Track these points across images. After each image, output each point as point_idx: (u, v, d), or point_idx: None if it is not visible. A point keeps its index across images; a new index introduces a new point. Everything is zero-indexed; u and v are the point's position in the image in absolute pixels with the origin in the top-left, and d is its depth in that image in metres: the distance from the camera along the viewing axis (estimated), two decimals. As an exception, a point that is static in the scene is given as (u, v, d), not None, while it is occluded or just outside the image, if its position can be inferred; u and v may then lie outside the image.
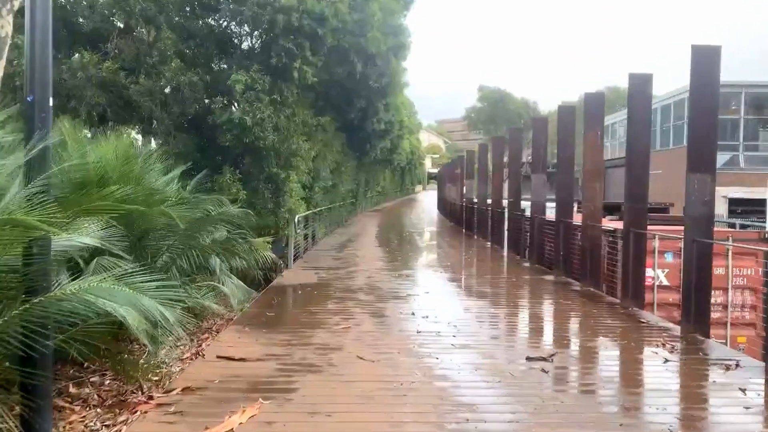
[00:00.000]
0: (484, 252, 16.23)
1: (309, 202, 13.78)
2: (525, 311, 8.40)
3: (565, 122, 11.61)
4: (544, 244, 12.94)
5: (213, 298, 6.68)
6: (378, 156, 29.70)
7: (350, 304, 8.24)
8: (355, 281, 10.29)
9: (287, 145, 10.76)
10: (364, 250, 15.61)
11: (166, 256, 6.15)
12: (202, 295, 6.40)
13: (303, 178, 12.18)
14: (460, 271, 12.32)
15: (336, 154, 18.59)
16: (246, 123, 9.90)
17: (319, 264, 12.48)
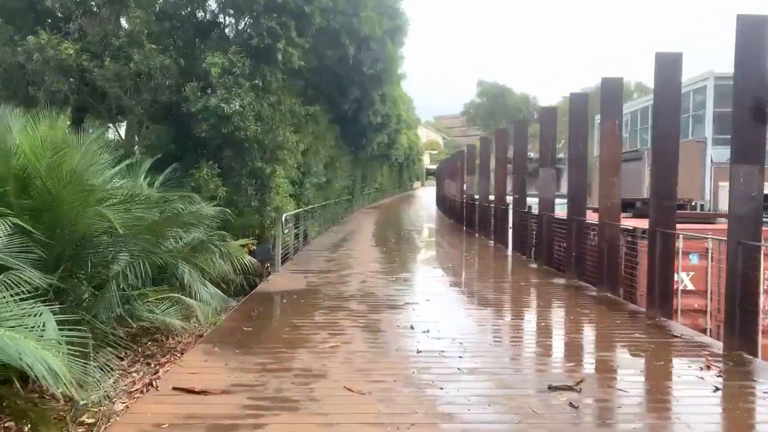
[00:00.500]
0: (487, 252, 15.25)
1: (299, 200, 12.78)
2: (538, 322, 7.41)
3: (577, 112, 10.61)
4: (554, 244, 11.97)
5: (176, 312, 5.69)
6: (375, 151, 28.69)
7: (340, 315, 7.25)
8: (348, 287, 9.30)
9: (272, 136, 9.75)
10: (359, 250, 14.62)
11: (117, 266, 5.15)
12: (162, 310, 5.42)
13: (291, 174, 11.19)
14: (463, 274, 11.33)
15: (329, 148, 17.58)
16: (224, 111, 8.87)
17: (310, 266, 11.49)
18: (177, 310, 5.70)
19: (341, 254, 13.69)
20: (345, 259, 12.82)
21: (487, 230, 18.62)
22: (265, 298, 8.31)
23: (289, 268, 11.15)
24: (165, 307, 5.56)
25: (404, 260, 13.33)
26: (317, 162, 13.97)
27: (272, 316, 7.18)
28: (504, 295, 9.38)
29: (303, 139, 12.21)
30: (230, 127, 9.04)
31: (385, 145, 31.75)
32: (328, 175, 17.89)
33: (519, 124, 14.51)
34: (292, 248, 12.54)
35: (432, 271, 11.75)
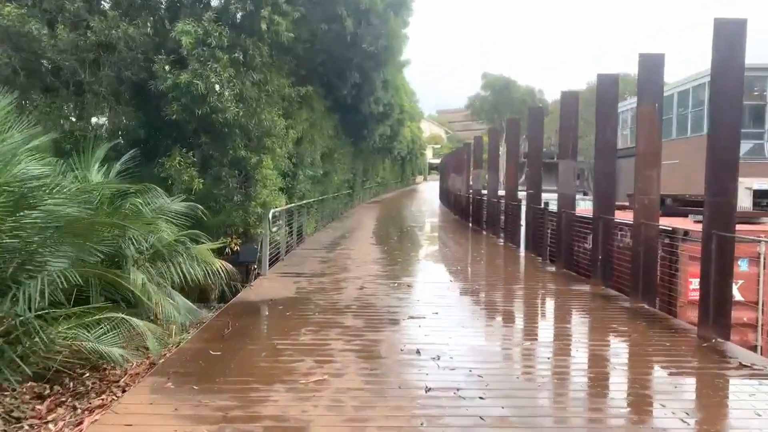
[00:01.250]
0: (498, 252, 13.99)
1: (291, 194, 11.53)
2: (573, 345, 6.16)
3: (605, 94, 9.32)
4: (575, 245, 10.72)
5: (118, 336, 4.45)
6: (377, 143, 27.43)
7: (332, 334, 6.01)
8: (344, 294, 8.06)
9: (257, 120, 8.49)
10: (359, 249, 13.37)
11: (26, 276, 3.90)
12: (96, 337, 4.19)
13: (282, 164, 9.95)
14: (474, 279, 10.08)
15: (327, 138, 16.31)
16: (198, 89, 7.61)
17: (302, 269, 10.25)
18: (120, 333, 4.47)
19: (338, 254, 12.45)
20: (342, 259, 11.58)
21: (495, 228, 17.38)
22: (245, 310, 7.06)
23: (279, 271, 9.92)
24: (101, 332, 4.35)
25: (407, 261, 12.09)
26: (313, 152, 12.67)
27: (249, 335, 5.94)
28: (524, 306, 8.13)
29: (295, 126, 10.95)
30: (205, 108, 7.78)
31: (387, 138, 30.47)
32: (326, 167, 16.63)
33: (535, 111, 13.24)
34: (283, 247, 11.30)
35: (439, 275, 10.50)
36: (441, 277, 10.26)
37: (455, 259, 12.75)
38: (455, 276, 10.31)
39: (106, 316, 4.50)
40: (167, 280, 6.19)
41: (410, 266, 11.44)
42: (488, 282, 9.77)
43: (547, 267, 11.21)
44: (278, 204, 9.46)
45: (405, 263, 11.75)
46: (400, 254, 12.98)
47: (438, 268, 11.45)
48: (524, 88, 69.96)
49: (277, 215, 9.99)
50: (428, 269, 10.89)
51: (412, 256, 12.96)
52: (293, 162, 11.28)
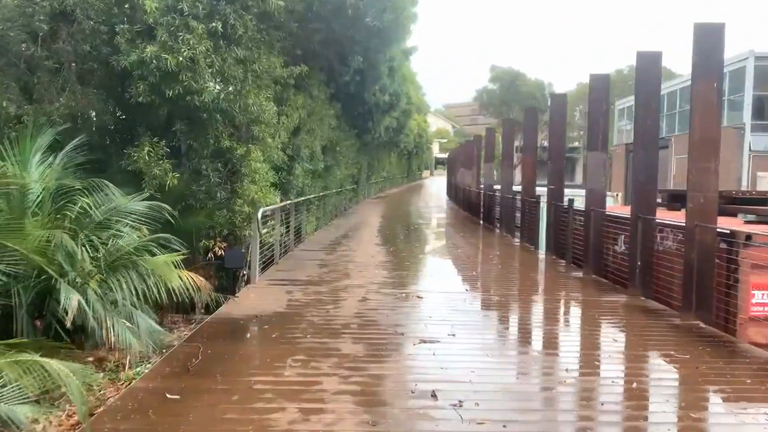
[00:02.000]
0: (515, 254, 12.75)
1: (287, 190, 10.33)
2: (626, 375, 4.91)
3: (646, 77, 8.06)
4: (605, 248, 9.49)
5: (37, 383, 3.27)
6: (382, 136, 26.14)
7: (325, 366, 4.81)
8: (342, 309, 6.86)
9: (243, 105, 7.28)
10: (362, 250, 12.17)
11: None
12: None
13: (275, 157, 8.73)
14: (493, 288, 8.86)
15: (329, 130, 15.08)
16: (167, 64, 6.38)
17: (298, 274, 9.07)
18: (40, 377, 3.29)
19: (340, 256, 11.25)
20: (343, 263, 10.38)
21: (510, 226, 16.13)
22: (222, 331, 5.87)
23: (271, 277, 8.73)
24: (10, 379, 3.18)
25: (416, 265, 10.87)
26: (312, 144, 11.44)
27: (221, 368, 4.75)
28: (556, 323, 6.90)
29: (290, 114, 9.72)
30: (177, 88, 6.55)
31: (394, 131, 29.20)
32: (328, 161, 15.41)
33: (557, 99, 11.96)
34: (278, 249, 10.11)
35: (452, 283, 9.28)
36: (454, 285, 9.04)
37: (469, 263, 11.50)
38: (471, 284, 9.08)
39: (12, 359, 3.31)
40: (127, 296, 5.02)
41: (419, 271, 10.22)
42: (510, 291, 8.54)
43: (573, 272, 9.98)
44: (270, 201, 8.26)
45: (413, 268, 10.54)
46: (407, 256, 11.77)
47: (450, 274, 10.22)
48: (533, 81, 68.37)
49: (269, 214, 8.80)
50: (439, 275, 9.67)
51: (421, 259, 11.75)
52: (289, 154, 10.07)
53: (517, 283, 9.44)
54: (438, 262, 11.47)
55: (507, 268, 10.78)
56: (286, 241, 11.54)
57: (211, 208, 7.70)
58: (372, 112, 18.60)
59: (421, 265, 10.93)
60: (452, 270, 10.67)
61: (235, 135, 7.90)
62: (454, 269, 10.73)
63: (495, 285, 8.98)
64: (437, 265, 11.01)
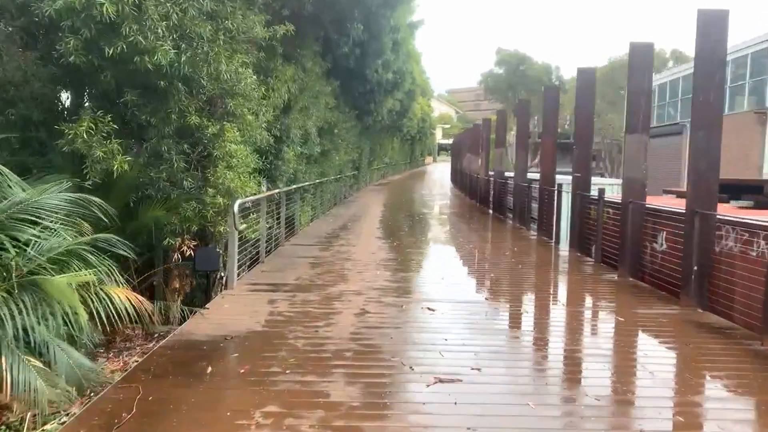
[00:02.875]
0: (534, 250, 11.35)
1: (274, 177, 8.89)
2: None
3: (712, 42, 6.58)
4: (645, 247, 8.09)
5: None
6: (385, 120, 24.66)
7: (305, 426, 3.43)
8: (335, 328, 5.49)
9: (211, 71, 5.84)
10: (362, 246, 10.79)
11: None
12: None
13: (258, 137, 7.29)
14: (518, 295, 7.47)
15: (326, 110, 13.63)
16: (104, 13, 4.91)
17: (285, 276, 7.70)
18: None
19: (336, 253, 9.87)
20: (340, 261, 9.00)
21: (523, 217, 14.76)
22: (174, 364, 4.48)
23: (253, 281, 7.35)
24: None
25: (423, 265, 9.47)
26: (305, 124, 9.94)
27: (157, 430, 3.38)
28: (607, 349, 5.49)
29: (278, 87, 8.25)
30: (120, 45, 5.09)
31: (397, 114, 27.70)
32: (325, 144, 13.97)
33: (585, 74, 10.47)
34: (264, 246, 8.74)
35: (468, 289, 7.89)
36: (470, 292, 7.65)
37: (483, 262, 10.09)
38: (489, 290, 7.69)
39: None
40: (36, 321, 3.65)
41: (427, 273, 8.81)
42: (538, 300, 7.15)
43: (604, 273, 8.61)
44: (250, 190, 6.86)
45: (420, 268, 9.15)
46: (412, 253, 10.39)
47: (464, 277, 8.83)
48: (540, 64, 66.47)
49: (251, 206, 7.40)
50: (451, 278, 8.26)
51: (429, 257, 10.34)
52: (276, 135, 8.63)
53: (545, 289, 8.04)
54: (448, 261, 10.07)
55: (528, 268, 9.38)
56: (276, 235, 10.17)
57: (175, 200, 6.29)
58: (374, 92, 17.09)
59: (429, 264, 9.54)
60: (465, 271, 9.28)
61: (207, 110, 6.48)
62: (468, 270, 9.34)
63: (518, 291, 7.58)
64: (448, 265, 9.61)
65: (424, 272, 8.62)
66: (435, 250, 10.93)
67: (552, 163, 12.87)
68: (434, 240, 12.58)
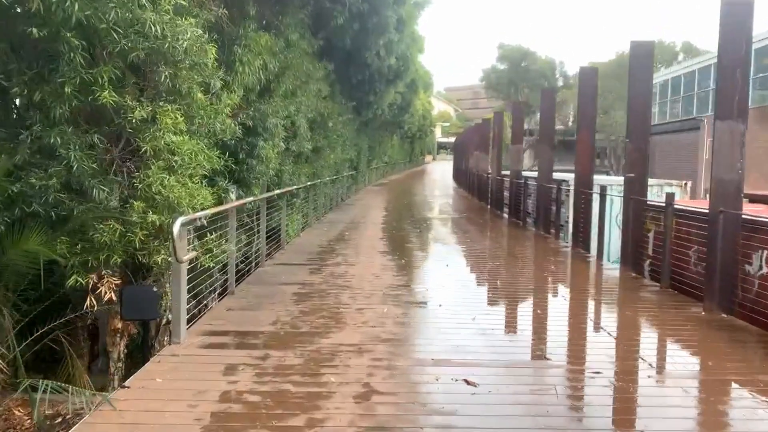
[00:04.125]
0: (574, 267, 9.25)
1: (245, 181, 6.68)
2: None
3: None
4: (741, 272, 6.00)
5: None
6: (386, 114, 22.54)
7: None
8: (322, 430, 3.35)
9: (126, 19, 3.75)
10: (363, 264, 8.68)
11: None
12: None
13: (218, 126, 5.13)
14: (580, 345, 5.34)
15: (319, 99, 11.50)
16: None
17: (258, 319, 5.58)
18: None
19: (329, 276, 7.74)
20: (334, 291, 6.87)
21: (547, 224, 12.68)
22: None
23: (210, 328, 5.22)
24: None
25: (445, 296, 7.24)
26: (290, 112, 7.68)
27: None
28: None
29: (249, 61, 6.06)
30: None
31: (398, 109, 25.58)
32: (318, 140, 11.84)
33: (640, 47, 8.32)
34: (233, 271, 6.62)
35: (517, 342, 5.71)
36: (521, 346, 5.44)
37: (521, 290, 7.85)
38: (543, 338, 5.55)
39: None
40: None
41: (452, 309, 6.52)
42: (623, 363, 4.97)
43: (684, 306, 6.51)
44: (203, 201, 4.74)
45: (441, 301, 6.90)
46: (427, 275, 8.28)
47: (502, 316, 6.69)
48: (544, 59, 64.29)
49: (207, 222, 5.27)
50: (488, 319, 6.09)
51: (449, 281, 8.12)
52: (248, 125, 6.47)
53: (624, 341, 5.81)
54: (475, 289, 7.94)
55: (580, 296, 7.25)
56: (255, 253, 8.06)
57: (79, 219, 4.17)
58: (374, 81, 14.94)
59: (451, 293, 7.31)
60: (501, 306, 7.08)
61: (133, 84, 4.36)
62: (503, 304, 7.13)
63: (580, 341, 5.45)
64: (475, 295, 7.47)
65: (448, 308, 6.43)
66: (454, 271, 8.79)
67: (589, 161, 10.76)
68: (449, 254, 10.43)
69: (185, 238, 4.67)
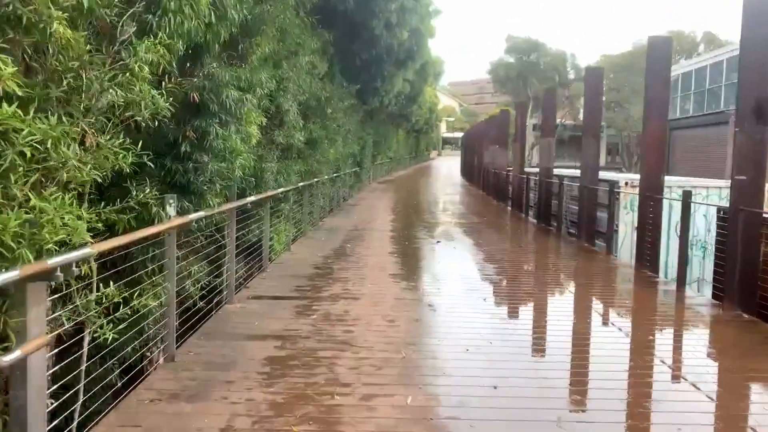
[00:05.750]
0: (658, 303, 6.92)
1: (198, 189, 4.39)
2: None
3: None
4: None
5: None
6: (393, 105, 20.17)
7: None
8: None
9: None
10: (368, 295, 6.36)
11: None
12: None
13: (114, 95, 2.87)
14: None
15: (316, 80, 9.17)
16: None
17: (199, 418, 3.27)
18: None
19: (322, 321, 5.42)
20: (328, 350, 4.55)
21: (590, 233, 10.41)
22: None
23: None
24: None
25: (492, 351, 4.92)
26: (262, 81, 5.34)
27: None
28: None
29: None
30: None
31: (406, 99, 23.22)
32: (313, 130, 9.51)
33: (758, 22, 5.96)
34: (174, 324, 4.31)
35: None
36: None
37: (612, 362, 5.56)
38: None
39: None
40: None
41: (519, 391, 4.27)
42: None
43: None
44: (75, 237, 2.48)
45: (493, 369, 4.60)
46: (461, 317, 5.92)
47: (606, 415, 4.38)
48: (554, 51, 61.71)
49: (91, 267, 2.95)
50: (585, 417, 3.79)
51: (493, 325, 5.81)
52: (190, 100, 4.10)
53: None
54: (537, 342, 5.61)
55: (695, 355, 4.91)
56: (220, 285, 5.78)
57: None
58: (382, 61, 12.58)
59: (505, 356, 5.00)
60: (607, 394, 4.77)
61: None
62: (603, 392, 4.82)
63: None
64: (546, 365, 5.15)
65: (510, 389, 4.11)
66: (495, 308, 6.44)
67: (660, 159, 8.40)
68: (484, 281, 8.10)
69: (40, 305, 2.36)
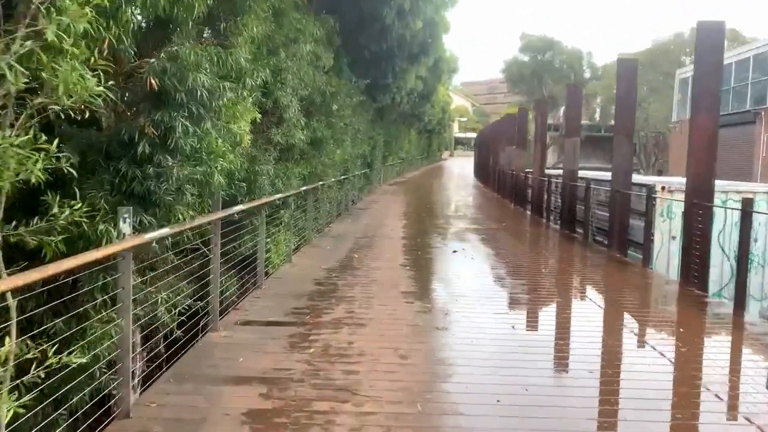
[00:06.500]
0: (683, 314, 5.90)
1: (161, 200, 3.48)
2: None
3: None
4: None
5: None
6: (405, 103, 19.20)
7: None
8: None
9: None
10: (377, 321, 5.42)
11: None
12: None
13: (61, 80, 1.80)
14: None
15: (320, 73, 8.25)
16: None
17: None
18: None
19: (320, 358, 4.47)
20: (324, 401, 3.61)
21: (622, 242, 9.42)
22: None
23: None
24: None
25: (529, 402, 3.95)
26: (251, 67, 4.41)
27: None
28: None
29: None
30: None
31: (418, 97, 22.24)
32: (317, 128, 8.58)
33: None
34: (129, 377, 3.37)
35: None
36: None
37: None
38: None
39: None
40: None
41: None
42: None
43: None
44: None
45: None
46: (487, 349, 4.93)
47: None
48: (570, 49, 60.34)
49: None
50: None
51: (525, 354, 4.82)
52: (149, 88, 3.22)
53: None
54: (582, 383, 4.63)
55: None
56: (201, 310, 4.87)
57: None
58: (393, 55, 11.63)
59: (550, 408, 4.04)
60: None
61: None
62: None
63: None
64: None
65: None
66: (526, 336, 5.47)
67: (709, 161, 7.35)
68: (511, 300, 7.11)
69: None
